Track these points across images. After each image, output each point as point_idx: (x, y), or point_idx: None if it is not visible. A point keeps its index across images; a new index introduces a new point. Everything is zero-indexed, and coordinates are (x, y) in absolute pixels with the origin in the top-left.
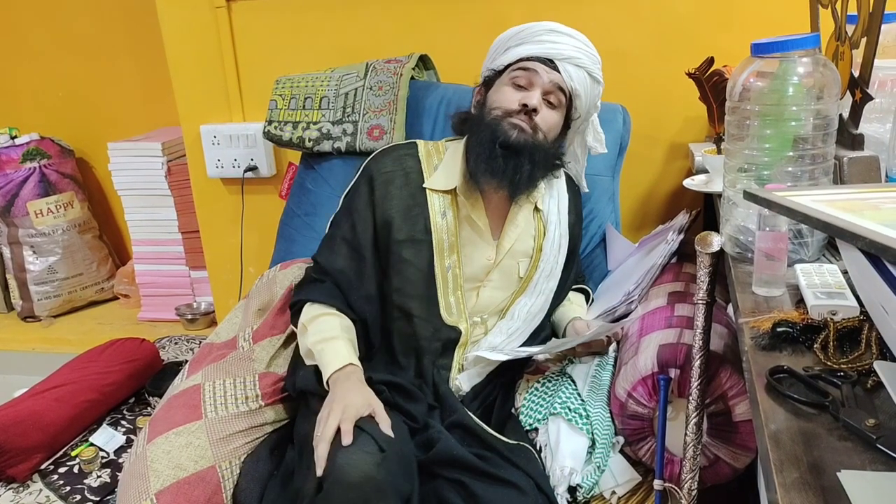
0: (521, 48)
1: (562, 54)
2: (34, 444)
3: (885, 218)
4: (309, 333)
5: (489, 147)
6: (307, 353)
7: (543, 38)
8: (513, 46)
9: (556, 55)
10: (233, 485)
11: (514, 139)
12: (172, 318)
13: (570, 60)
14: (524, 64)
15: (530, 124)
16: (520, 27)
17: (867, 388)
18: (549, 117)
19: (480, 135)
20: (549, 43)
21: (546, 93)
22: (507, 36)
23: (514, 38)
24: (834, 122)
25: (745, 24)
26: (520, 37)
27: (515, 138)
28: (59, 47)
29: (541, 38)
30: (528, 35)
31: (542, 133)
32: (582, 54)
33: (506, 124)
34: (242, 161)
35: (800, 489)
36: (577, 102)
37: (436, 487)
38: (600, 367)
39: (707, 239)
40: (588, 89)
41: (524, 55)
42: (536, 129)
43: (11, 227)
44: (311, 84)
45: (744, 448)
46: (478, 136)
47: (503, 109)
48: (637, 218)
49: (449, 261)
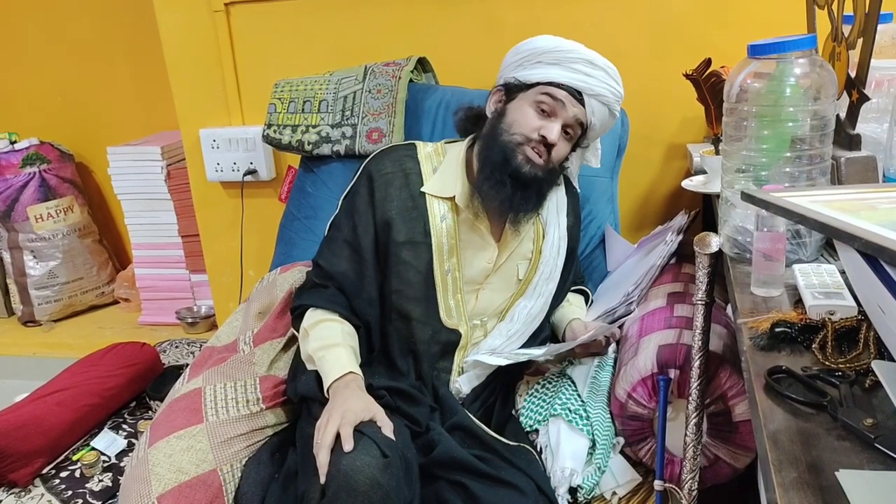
0: (553, 70)
1: (592, 90)
2: (35, 449)
3: (882, 218)
4: (310, 339)
5: (499, 173)
6: (308, 359)
7: (579, 68)
8: (546, 63)
9: (587, 90)
10: (234, 488)
11: (526, 172)
12: (173, 321)
13: (597, 97)
14: (553, 91)
15: (544, 158)
16: (556, 43)
17: (865, 388)
18: (563, 149)
19: (493, 154)
20: (583, 75)
21: (566, 125)
22: (542, 49)
23: (549, 55)
24: (831, 122)
25: (742, 25)
26: (555, 56)
27: (527, 172)
28: (59, 52)
29: (576, 68)
30: (565, 59)
31: (553, 164)
32: (609, 92)
33: (520, 155)
34: (242, 165)
35: (798, 489)
36: (590, 133)
37: (437, 489)
38: (600, 368)
39: (706, 240)
40: (604, 123)
41: (555, 80)
42: (549, 161)
43: (11, 232)
44: (309, 87)
45: (744, 448)
46: (490, 153)
47: (522, 135)
48: (636, 219)
49: (448, 264)
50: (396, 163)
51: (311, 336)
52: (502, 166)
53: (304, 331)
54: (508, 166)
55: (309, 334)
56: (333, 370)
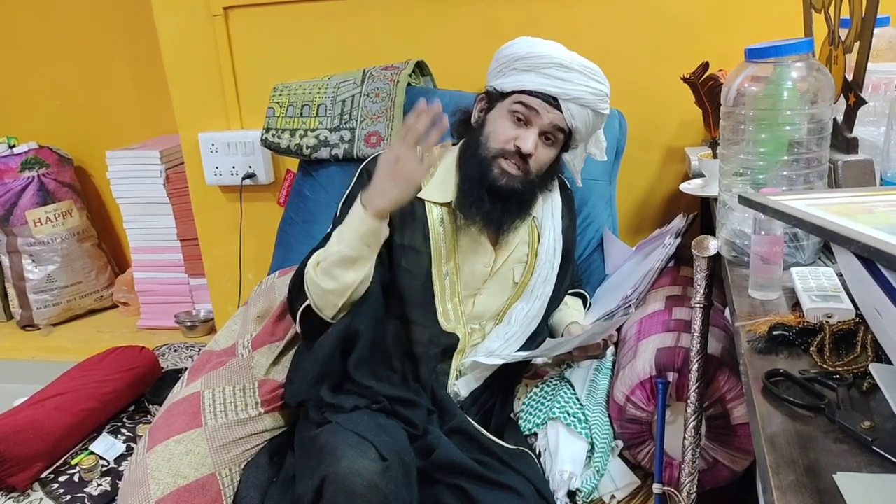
0: (526, 77)
1: (566, 94)
2: (34, 453)
3: (879, 221)
4: (319, 261)
5: (477, 188)
6: (325, 270)
7: (551, 73)
8: (520, 70)
9: (561, 95)
10: (233, 492)
11: (503, 185)
12: (172, 325)
13: (574, 101)
14: (526, 99)
15: (522, 167)
16: (529, 48)
17: (863, 391)
18: (543, 155)
19: (470, 169)
20: (556, 80)
21: (543, 132)
22: (515, 55)
23: (522, 62)
24: (828, 126)
25: (740, 28)
26: (528, 63)
27: (504, 184)
28: (58, 56)
29: (548, 73)
30: (537, 64)
31: (533, 174)
32: (587, 93)
33: (496, 168)
34: (240, 168)
35: (796, 491)
36: (576, 135)
37: (435, 493)
38: (598, 371)
39: (703, 243)
40: (589, 124)
41: (527, 88)
42: (528, 171)
43: (10, 236)
44: (308, 91)
45: (742, 451)
46: (468, 168)
47: (497, 148)
48: (634, 222)
49: (446, 268)
50: None
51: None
52: (479, 181)
53: (310, 272)
54: (485, 181)
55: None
56: (352, 219)
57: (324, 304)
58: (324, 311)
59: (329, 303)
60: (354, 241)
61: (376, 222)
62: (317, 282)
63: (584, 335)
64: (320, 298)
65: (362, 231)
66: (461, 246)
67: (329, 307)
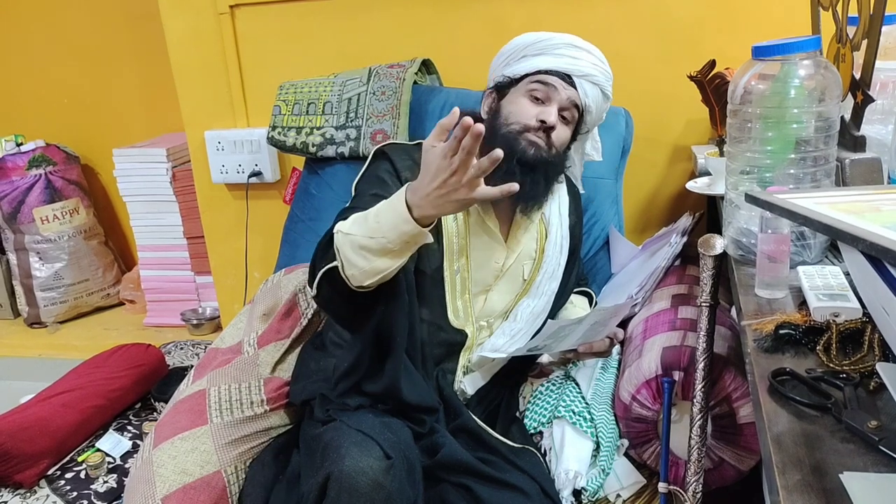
0: (539, 59)
1: (580, 71)
2: (41, 450)
3: (887, 220)
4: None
5: (506, 163)
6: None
7: (563, 53)
8: (531, 55)
9: (575, 71)
10: (238, 489)
11: (532, 156)
12: (178, 323)
13: (587, 77)
14: (542, 77)
15: (547, 141)
16: (538, 36)
17: (870, 390)
18: (563, 133)
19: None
20: (569, 58)
21: (561, 109)
22: (525, 43)
23: (532, 47)
24: (835, 124)
25: (747, 27)
26: (539, 46)
27: (533, 155)
28: (64, 54)
29: (560, 52)
30: (548, 46)
31: (556, 148)
32: (598, 71)
33: (523, 141)
34: (247, 166)
35: (802, 491)
36: (587, 117)
37: (441, 492)
38: (604, 370)
39: (710, 241)
40: (599, 105)
41: (542, 67)
42: (551, 145)
43: (17, 234)
44: (314, 89)
45: (748, 450)
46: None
47: (520, 124)
48: (640, 221)
49: (458, 264)
50: (409, 156)
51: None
52: (509, 155)
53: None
54: (514, 153)
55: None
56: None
57: (350, 275)
58: (350, 281)
59: (355, 276)
60: (393, 235)
61: (420, 229)
62: (346, 253)
63: (587, 317)
64: (349, 267)
65: (403, 230)
66: (473, 242)
67: (355, 279)
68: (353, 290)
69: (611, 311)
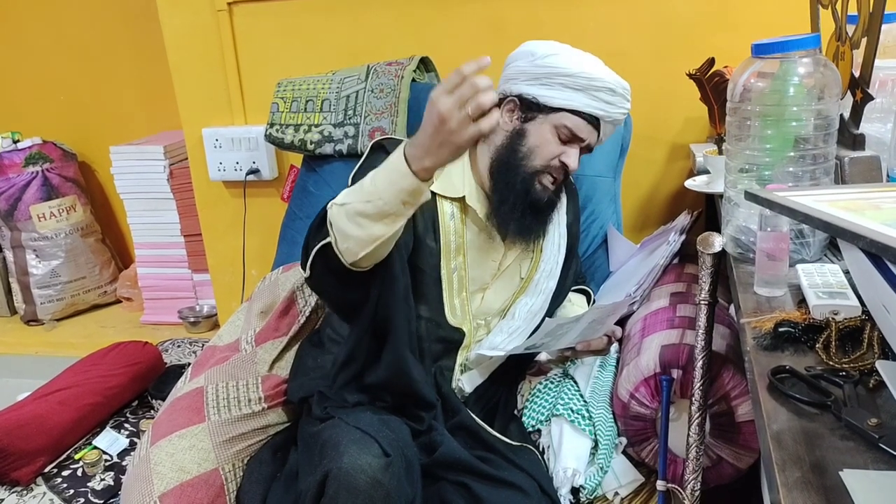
0: (576, 96)
1: (609, 116)
2: (38, 448)
3: (887, 217)
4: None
5: (521, 203)
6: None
7: (600, 97)
8: (569, 88)
9: (605, 117)
10: (236, 487)
11: (545, 200)
12: (175, 321)
13: (613, 122)
14: (575, 123)
15: (559, 181)
16: (580, 67)
17: (869, 388)
18: (575, 165)
19: (514, 181)
20: (604, 103)
21: (581, 149)
22: (565, 70)
23: (572, 80)
24: (835, 122)
25: (746, 24)
26: (579, 83)
27: (546, 199)
28: (61, 51)
29: (597, 95)
30: (589, 86)
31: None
32: (622, 114)
33: (538, 185)
34: (244, 164)
35: (802, 489)
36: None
37: (439, 490)
38: (602, 367)
39: (709, 239)
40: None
41: (577, 108)
42: (562, 181)
43: (14, 231)
44: (312, 87)
45: (747, 448)
46: (510, 178)
47: (543, 164)
48: (639, 219)
49: (455, 262)
50: None
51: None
52: (523, 196)
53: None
54: (528, 196)
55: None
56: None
57: (344, 248)
58: (344, 256)
59: (350, 249)
60: (390, 194)
61: (419, 182)
62: (340, 224)
63: (585, 315)
64: (343, 240)
65: (401, 186)
66: (470, 241)
67: (349, 253)
68: (347, 270)
69: (609, 308)
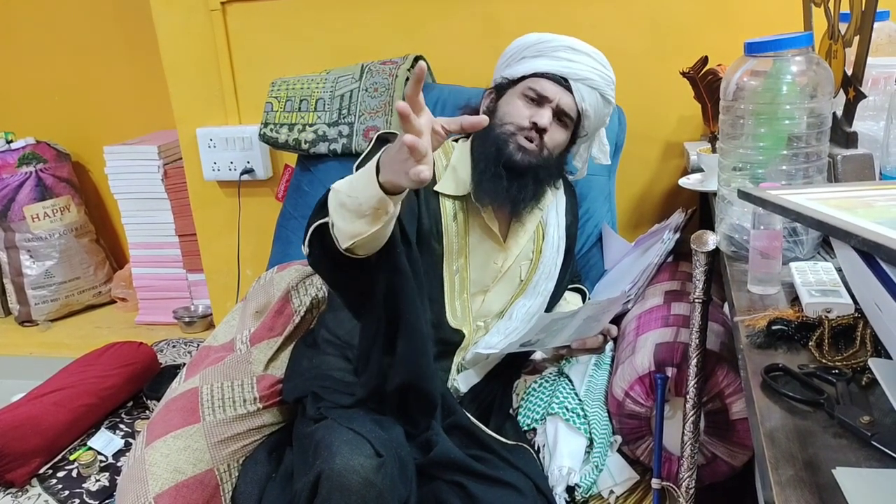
0: (537, 61)
1: (577, 74)
2: (32, 449)
3: (879, 216)
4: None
5: (494, 165)
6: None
7: (560, 55)
8: (529, 57)
9: (572, 75)
10: (231, 487)
11: (519, 160)
12: (170, 321)
13: (584, 81)
14: (539, 83)
15: (538, 143)
16: (538, 37)
17: (862, 386)
18: (557, 135)
19: (486, 148)
20: (566, 61)
21: (557, 112)
22: (525, 44)
23: (531, 49)
24: (828, 120)
25: (739, 23)
26: (537, 48)
27: (520, 160)
28: (55, 51)
29: (558, 55)
30: (546, 49)
31: (548, 150)
32: (597, 75)
33: (512, 144)
34: (239, 164)
35: (795, 486)
36: (585, 122)
37: (434, 490)
38: (597, 366)
39: (702, 238)
40: (598, 110)
41: (539, 70)
42: (543, 147)
43: (8, 232)
44: (306, 86)
45: (741, 446)
46: (484, 148)
47: (514, 124)
48: (633, 217)
49: (457, 264)
50: None
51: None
52: (496, 158)
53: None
54: (501, 156)
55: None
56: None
57: (336, 232)
58: (338, 239)
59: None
60: (364, 197)
61: (381, 194)
62: (331, 210)
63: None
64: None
65: (371, 193)
66: (472, 242)
67: (341, 237)
68: (341, 254)
69: (604, 304)
